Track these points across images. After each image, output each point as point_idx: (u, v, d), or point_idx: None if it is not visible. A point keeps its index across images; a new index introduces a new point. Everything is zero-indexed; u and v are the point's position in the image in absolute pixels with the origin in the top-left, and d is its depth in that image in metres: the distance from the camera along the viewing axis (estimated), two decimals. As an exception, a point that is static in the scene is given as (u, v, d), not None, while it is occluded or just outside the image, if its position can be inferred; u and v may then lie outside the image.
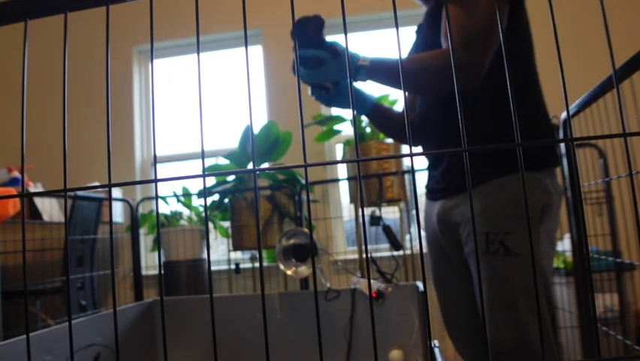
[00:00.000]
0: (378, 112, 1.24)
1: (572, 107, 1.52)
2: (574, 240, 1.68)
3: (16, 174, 2.76)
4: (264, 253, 3.05)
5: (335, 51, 0.98)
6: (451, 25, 0.97)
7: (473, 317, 1.11)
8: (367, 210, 2.48)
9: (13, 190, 2.44)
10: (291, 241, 1.74)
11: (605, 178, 2.16)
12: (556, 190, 1.02)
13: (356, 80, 1.02)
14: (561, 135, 1.72)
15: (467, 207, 1.04)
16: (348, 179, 2.73)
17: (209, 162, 3.24)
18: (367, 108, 1.20)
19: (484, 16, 0.94)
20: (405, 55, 1.23)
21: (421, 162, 3.15)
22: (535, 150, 1.00)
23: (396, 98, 2.68)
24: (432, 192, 1.18)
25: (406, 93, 1.20)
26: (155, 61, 3.74)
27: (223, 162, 2.90)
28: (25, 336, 1.27)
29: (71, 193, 2.28)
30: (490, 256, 0.97)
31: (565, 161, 1.64)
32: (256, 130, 2.84)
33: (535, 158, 0.99)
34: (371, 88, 1.45)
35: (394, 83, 1.01)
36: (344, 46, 0.98)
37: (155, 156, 0.47)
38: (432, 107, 1.13)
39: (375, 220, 2.15)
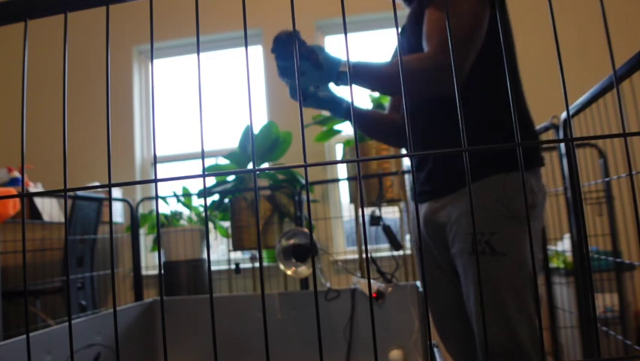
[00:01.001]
0: (355, 116, 1.25)
1: (572, 107, 1.52)
2: (574, 240, 1.68)
3: (16, 174, 2.76)
4: (264, 253, 3.05)
5: (316, 61, 0.99)
6: (434, 28, 0.98)
7: (463, 320, 1.11)
8: (367, 210, 2.48)
9: (13, 190, 2.44)
10: (291, 241, 1.74)
11: (605, 178, 2.16)
12: (540, 190, 1.03)
13: (338, 85, 1.04)
14: (561, 135, 1.72)
15: (453, 207, 1.04)
16: (348, 179, 2.73)
17: (210, 162, 3.24)
18: (342, 112, 1.20)
19: (466, 18, 0.95)
20: (389, 57, 1.24)
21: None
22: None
23: (396, 98, 2.68)
24: (418, 195, 1.17)
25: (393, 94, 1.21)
26: (155, 61, 3.74)
27: (223, 162, 2.90)
28: (25, 336, 1.27)
29: (71, 193, 2.28)
30: (479, 257, 0.97)
31: (564, 161, 1.64)
32: (256, 130, 2.84)
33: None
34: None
35: (376, 88, 1.03)
36: (326, 52, 1.00)
37: (155, 156, 0.48)
38: (415, 108, 1.14)
39: (375, 220, 2.15)
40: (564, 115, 1.65)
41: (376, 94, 2.66)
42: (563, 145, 1.64)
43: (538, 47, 2.76)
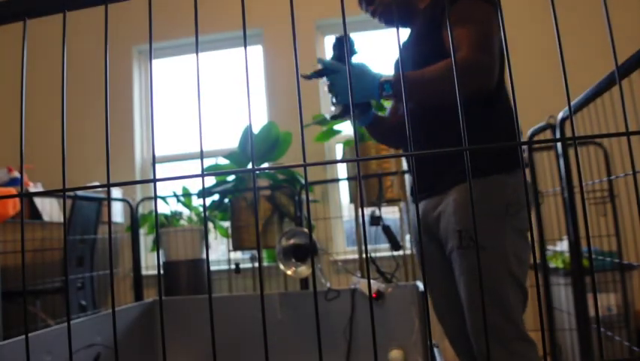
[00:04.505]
0: (378, 123, 1.32)
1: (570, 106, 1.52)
2: (570, 240, 1.68)
3: (16, 174, 2.76)
4: (264, 253, 3.05)
5: (337, 71, 1.08)
6: (460, 35, 1.05)
7: (461, 312, 1.18)
8: (367, 210, 2.47)
9: (13, 190, 2.44)
10: (291, 241, 1.74)
11: (607, 177, 2.15)
12: (515, 190, 1.12)
13: (382, 97, 1.10)
14: (558, 135, 1.71)
15: (444, 207, 1.16)
16: (348, 179, 2.73)
17: (210, 162, 3.24)
18: (369, 120, 1.27)
19: (487, 23, 1.05)
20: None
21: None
22: (491, 155, 1.11)
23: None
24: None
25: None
26: (154, 61, 3.73)
27: (223, 162, 2.90)
28: (24, 336, 1.27)
29: (71, 193, 2.28)
30: (465, 250, 1.10)
31: (562, 160, 1.63)
32: (256, 130, 2.84)
33: (500, 162, 1.11)
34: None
35: (420, 94, 1.09)
36: (365, 67, 1.09)
37: (153, 155, 0.47)
38: (412, 110, 1.19)
39: (375, 220, 2.15)
40: (561, 115, 1.64)
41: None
42: (559, 144, 1.64)
43: (533, 47, 2.76)
